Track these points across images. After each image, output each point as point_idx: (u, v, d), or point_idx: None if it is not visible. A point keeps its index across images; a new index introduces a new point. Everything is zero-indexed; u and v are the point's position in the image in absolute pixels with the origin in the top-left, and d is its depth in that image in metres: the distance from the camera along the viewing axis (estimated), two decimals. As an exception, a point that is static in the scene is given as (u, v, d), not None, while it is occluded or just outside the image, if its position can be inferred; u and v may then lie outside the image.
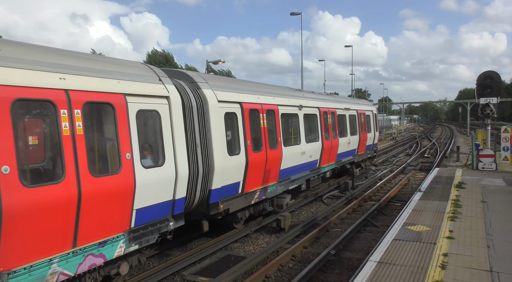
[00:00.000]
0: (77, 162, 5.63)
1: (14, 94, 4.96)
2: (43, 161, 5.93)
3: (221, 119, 9.06)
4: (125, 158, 6.44)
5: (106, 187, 6.05)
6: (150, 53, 64.49)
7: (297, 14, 34.29)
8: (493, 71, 17.28)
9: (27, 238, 5.07)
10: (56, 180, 5.42)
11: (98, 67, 6.37)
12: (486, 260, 6.38)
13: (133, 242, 6.70)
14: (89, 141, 5.95)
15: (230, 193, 9.45)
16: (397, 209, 13.16)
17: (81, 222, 5.72)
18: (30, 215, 5.05)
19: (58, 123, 5.48)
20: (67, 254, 5.60)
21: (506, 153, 16.47)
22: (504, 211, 9.65)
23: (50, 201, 5.26)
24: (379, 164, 25.49)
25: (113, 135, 6.37)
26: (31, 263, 5.14)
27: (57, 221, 5.40)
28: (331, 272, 8.21)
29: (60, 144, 5.49)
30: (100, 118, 6.46)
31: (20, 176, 4.94)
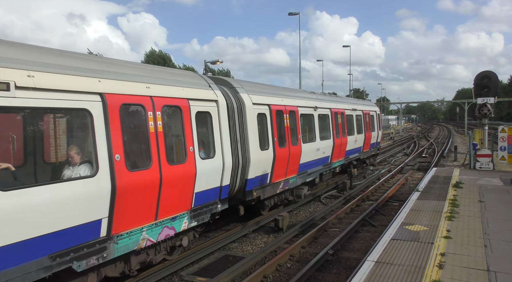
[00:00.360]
0: (159, 153, 7.13)
1: (121, 100, 6.47)
2: (138, 151, 7.16)
3: (254, 119, 10.48)
4: (189, 150, 7.95)
5: (177, 173, 7.54)
6: (148, 54, 64.46)
7: (295, 14, 34.30)
8: (491, 71, 17.36)
9: (129, 210, 6.52)
10: (146, 167, 6.87)
11: (169, 77, 8.00)
12: (483, 260, 6.41)
13: (193, 219, 8.19)
14: (166, 137, 7.42)
15: (261, 182, 10.89)
16: (395, 208, 13.18)
17: (161, 201, 7.18)
18: (131, 193, 6.48)
19: (147, 122, 6.97)
20: (151, 225, 7.06)
21: (503, 153, 16.53)
22: (501, 210, 9.69)
23: (142, 182, 6.71)
24: (377, 164, 25.52)
25: (181, 132, 7.87)
26: (131, 229, 6.62)
27: (146, 198, 6.84)
28: (329, 272, 8.22)
29: (148, 139, 6.96)
30: (172, 118, 7.88)
31: (126, 162, 6.41)
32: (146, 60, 61.61)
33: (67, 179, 5.72)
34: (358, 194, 15.62)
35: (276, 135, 11.37)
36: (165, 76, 7.94)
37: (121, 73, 6.74)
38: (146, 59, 61.85)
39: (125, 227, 6.51)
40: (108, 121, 6.18)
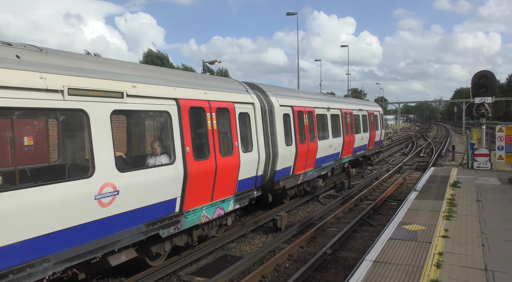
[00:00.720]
0: (215, 147, 8.75)
1: (189, 104, 8.06)
2: (201, 145, 8.60)
3: (281, 119, 11.92)
4: (235, 145, 9.58)
5: (227, 163, 9.12)
6: (146, 54, 64.39)
7: (293, 14, 34.33)
8: (488, 70, 17.40)
9: (194, 192, 8.13)
10: (206, 157, 8.49)
11: (220, 84, 9.75)
12: (481, 259, 6.43)
13: (236, 203, 9.85)
14: (219, 133, 9.04)
15: (285, 174, 12.22)
16: (393, 208, 13.21)
17: (215, 186, 8.78)
18: (197, 178, 8.08)
19: (206, 121, 8.58)
20: (208, 205, 8.69)
21: (501, 152, 16.57)
22: (498, 210, 9.72)
23: (204, 170, 8.35)
24: (375, 164, 25.56)
25: (228, 129, 9.47)
26: (195, 207, 8.26)
27: (206, 183, 8.46)
28: (327, 271, 8.23)
29: (207, 135, 8.60)
30: (222, 118, 9.33)
31: (194, 153, 8.01)
32: (144, 60, 61.52)
33: (155, 166, 7.35)
34: (357, 194, 15.64)
35: (297, 132, 12.94)
36: (216, 83, 9.69)
37: (188, 82, 8.49)
38: (145, 60, 61.76)
39: (191, 205, 8.16)
40: (181, 121, 7.78)
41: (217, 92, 9.19)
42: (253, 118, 10.49)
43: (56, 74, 5.67)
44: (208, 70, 42.01)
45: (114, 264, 6.64)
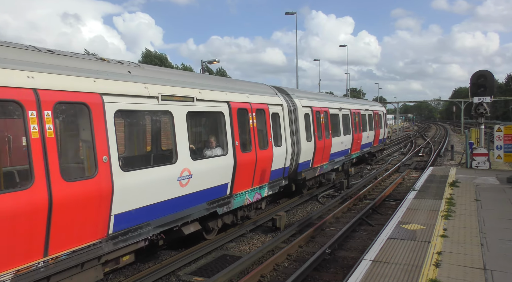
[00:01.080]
0: (255, 142, 10.42)
1: (237, 106, 9.83)
2: (245, 140, 10.19)
3: (303, 118, 13.61)
4: (269, 140, 11.12)
5: (263, 156, 10.76)
6: (145, 54, 64.35)
7: (292, 13, 34.32)
8: (487, 70, 17.40)
9: (240, 178, 9.83)
10: (249, 150, 10.20)
11: (256, 89, 11.52)
12: (480, 258, 6.43)
13: (269, 190, 11.56)
14: (258, 130, 10.60)
15: (306, 166, 13.96)
16: (392, 208, 13.22)
17: (255, 174, 10.50)
18: (243, 167, 9.76)
19: (248, 120, 10.30)
20: (250, 190, 10.49)
21: (500, 152, 16.59)
22: (497, 209, 9.73)
23: (248, 160, 10.01)
24: (374, 163, 25.58)
25: (264, 127, 11.10)
26: (240, 191, 10.00)
27: (248, 171, 10.16)
28: (326, 271, 8.23)
29: (249, 131, 10.29)
30: (259, 118, 10.91)
31: (241, 147, 9.73)
32: (143, 60, 61.47)
33: (213, 156, 9.00)
34: (355, 193, 15.65)
35: (316, 130, 14.60)
36: (254, 88, 11.41)
37: (235, 87, 10.25)
38: (143, 60, 61.72)
39: (238, 190, 9.89)
40: (232, 120, 9.47)
41: (256, 95, 11.02)
42: (282, 117, 12.19)
43: (154, 84, 7.38)
44: (208, 70, 41.96)
45: (187, 233, 8.38)
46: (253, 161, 10.25)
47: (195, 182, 8.16)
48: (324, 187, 16.97)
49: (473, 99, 17.11)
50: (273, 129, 11.51)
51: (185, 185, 7.88)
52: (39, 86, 5.40)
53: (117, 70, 6.86)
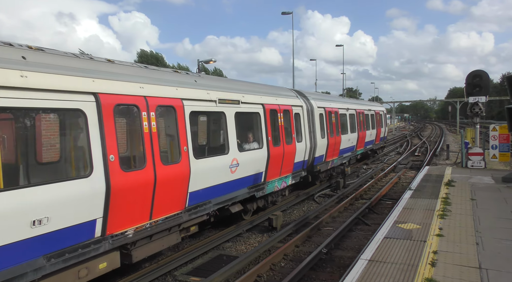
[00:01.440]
0: (283, 138, 12.15)
1: (270, 107, 11.65)
2: (276, 135, 11.84)
3: (318, 117, 15.47)
4: (293, 136, 12.98)
5: (289, 150, 12.57)
6: (140, 53, 64.16)
7: (288, 13, 34.32)
8: (482, 70, 17.47)
9: (271, 168, 11.56)
10: (278, 145, 11.88)
11: (282, 92, 13.36)
12: (475, 257, 6.47)
13: (292, 179, 13.37)
14: (285, 127, 12.46)
15: (320, 160, 15.83)
16: (388, 207, 13.26)
17: (283, 165, 12.36)
18: (274, 159, 11.49)
19: (277, 119, 12.06)
20: (278, 179, 12.28)
21: (495, 151, 16.69)
22: (492, 208, 9.78)
23: (278, 153, 11.77)
24: (370, 163, 25.65)
25: (289, 125, 12.89)
26: (271, 180, 11.81)
27: (277, 163, 11.94)
28: (322, 270, 8.24)
29: (278, 129, 12.02)
30: (285, 117, 12.66)
31: (273, 141, 11.49)
32: (139, 60, 61.30)
33: (251, 149, 10.74)
34: (352, 193, 15.68)
35: (328, 128, 16.40)
36: (281, 92, 13.36)
37: (268, 92, 12.21)
38: (139, 59, 61.54)
39: (270, 178, 11.74)
40: (266, 119, 11.30)
41: (282, 98, 12.89)
42: (302, 117, 14.04)
43: (212, 90, 9.20)
44: (204, 70, 41.91)
45: (233, 211, 10.19)
46: (281, 154, 12.12)
47: (241, 170, 10.03)
48: (322, 186, 17.00)
49: (469, 99, 17.19)
50: (296, 127, 13.37)
51: (233, 172, 9.80)
52: (147, 94, 7.21)
53: (188, 80, 8.76)
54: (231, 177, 9.62)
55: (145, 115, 7.09)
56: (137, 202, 6.88)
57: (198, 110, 8.83)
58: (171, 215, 7.76)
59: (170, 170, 7.57)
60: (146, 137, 7.08)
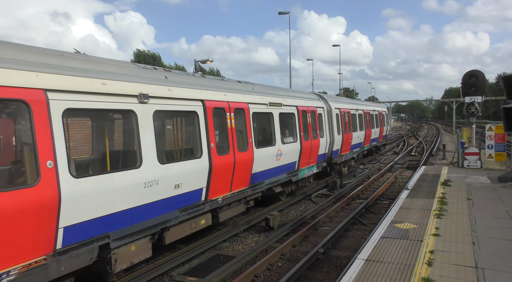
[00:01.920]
0: (311, 133, 14.69)
1: (302, 109, 14.35)
2: (306, 132, 14.62)
3: (335, 117, 18.04)
4: (318, 133, 15.43)
5: (315, 143, 15.09)
6: (137, 53, 64.03)
7: (285, 13, 34.36)
8: (478, 70, 17.55)
9: (302, 158, 14.02)
10: (307, 140, 14.33)
11: (309, 96, 16.19)
12: (471, 257, 6.49)
13: (316, 168, 15.90)
14: (313, 125, 14.96)
15: (336, 154, 18.40)
16: (385, 207, 13.29)
17: (310, 156, 14.78)
18: (304, 151, 14.01)
19: (307, 119, 14.62)
20: (307, 167, 14.77)
21: (491, 151, 16.77)
22: (488, 208, 9.82)
23: (307, 147, 14.28)
24: (367, 163, 25.70)
25: (315, 123, 15.36)
26: (302, 168, 14.17)
27: (307, 154, 14.39)
28: (319, 270, 8.25)
29: (307, 127, 14.49)
30: (312, 117, 15.16)
31: (304, 136, 14.18)
32: (135, 59, 61.15)
33: (288, 142, 13.12)
34: (349, 193, 15.70)
35: (342, 126, 19.07)
36: (308, 95, 16.33)
37: (299, 96, 15.00)
38: (136, 59, 61.40)
39: (302, 166, 14.24)
40: (298, 118, 13.90)
41: (310, 101, 15.66)
42: (324, 116, 16.76)
43: (264, 96, 11.86)
44: (200, 70, 41.85)
45: (276, 191, 12.77)
46: (310, 147, 14.69)
47: (283, 158, 12.61)
48: (319, 186, 17.02)
49: (465, 99, 17.26)
50: (319, 125, 15.98)
51: (278, 160, 12.36)
52: (228, 99, 9.88)
53: (249, 88, 11.52)
54: (276, 164, 12.28)
55: (228, 115, 9.87)
56: (224, 177, 9.55)
57: (257, 111, 11.33)
58: (241, 189, 10.44)
59: (243, 155, 10.22)
60: (229, 132, 9.79)
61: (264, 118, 12.16)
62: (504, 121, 12.46)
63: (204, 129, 8.82)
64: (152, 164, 7.19)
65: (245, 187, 10.55)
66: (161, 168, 7.42)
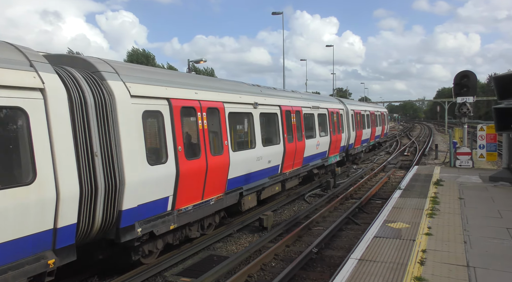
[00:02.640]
0: (336, 130, 19.40)
1: (331, 110, 19.34)
2: (333, 129, 19.14)
3: (350, 117, 22.50)
4: (340, 129, 20.30)
5: (337, 138, 19.47)
6: (131, 52, 63.72)
7: (279, 13, 34.41)
8: (470, 70, 17.67)
9: (331, 148, 19.02)
10: (334, 134, 19.06)
11: (329, 99, 21.46)
12: (463, 256, 6.54)
13: (339, 157, 20.55)
14: (333, 123, 19.08)
15: (351, 146, 22.89)
16: (378, 206, 13.35)
17: (336, 147, 19.76)
18: (333, 142, 19.00)
19: (327, 118, 18.46)
20: (332, 156, 19.44)
21: (482, 151, 16.91)
22: (480, 207, 9.91)
23: (335, 140, 19.27)
24: (360, 163, 25.82)
25: (338, 122, 19.88)
26: (330, 156, 19.02)
27: (334, 145, 19.32)
28: (313, 270, 8.27)
29: (327, 124, 18.42)
30: (337, 116, 19.89)
31: (332, 131, 19.04)
32: (128, 59, 60.81)
33: (323, 136, 17.59)
34: (342, 193, 15.76)
35: (355, 124, 23.45)
36: (328, 99, 20.64)
37: (328, 100, 20.26)
38: (129, 58, 61.07)
39: (330, 154, 18.72)
40: (329, 118, 18.34)
41: (335, 104, 20.20)
42: (344, 116, 21.18)
43: (308, 101, 16.54)
44: (194, 69, 41.69)
45: (315, 172, 17.31)
46: (336, 140, 19.12)
47: (320, 147, 16.86)
48: (313, 185, 17.08)
49: (457, 99, 17.39)
50: (341, 123, 20.42)
51: (317, 148, 16.47)
52: (280, 103, 13.52)
53: (297, 95, 16.09)
54: (315, 151, 16.39)
55: (279, 115, 13.29)
56: (290, 159, 13.95)
57: (306, 113, 15.82)
58: (298, 168, 14.97)
59: (301, 143, 14.78)
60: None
61: (308, 117, 16.22)
62: (495, 121, 12.56)
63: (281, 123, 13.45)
64: (260, 146, 11.64)
65: (299, 166, 15.04)
66: (263, 150, 11.80)
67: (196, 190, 8.77)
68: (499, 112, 12.30)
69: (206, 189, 9.13)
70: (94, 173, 6.44)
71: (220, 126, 9.81)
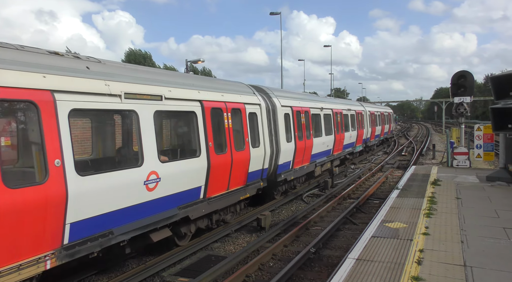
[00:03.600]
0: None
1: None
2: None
3: (368, 116, 28.34)
4: (361, 127, 26.16)
5: (360, 133, 25.81)
6: (128, 52, 63.59)
7: (277, 14, 34.47)
8: (467, 71, 17.71)
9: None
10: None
11: (354, 103, 28.84)
12: (460, 255, 6.57)
13: (361, 147, 27.07)
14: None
15: (368, 139, 28.64)
16: (376, 206, 13.38)
17: (358, 139, 25.28)
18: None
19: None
20: (359, 145, 26.21)
21: (479, 151, 16.96)
22: (477, 207, 9.94)
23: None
24: (358, 163, 25.87)
25: (360, 121, 26.18)
26: (356, 146, 25.46)
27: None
28: (311, 269, 8.28)
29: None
30: (358, 117, 25.56)
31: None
32: (126, 59, 60.71)
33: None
34: (340, 193, 15.79)
35: (371, 122, 29.02)
36: (354, 103, 29.41)
37: (338, 102, 23.12)
38: (127, 58, 60.95)
39: (357, 144, 25.22)
40: (355, 117, 24.57)
41: (357, 106, 25.88)
42: (364, 116, 26.70)
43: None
44: (192, 70, 41.64)
45: (348, 157, 23.63)
46: (361, 134, 24.04)
47: (351, 139, 22.15)
48: (310, 185, 17.09)
49: (454, 99, 17.43)
50: (362, 121, 25.78)
51: (350, 139, 21.34)
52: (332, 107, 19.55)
53: (337, 101, 22.81)
54: (349, 141, 19.90)
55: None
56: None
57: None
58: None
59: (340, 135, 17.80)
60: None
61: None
62: (492, 121, 12.60)
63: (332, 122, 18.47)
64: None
65: (340, 151, 19.55)
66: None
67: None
68: (496, 112, 12.34)
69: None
70: (277, 143, 12.95)
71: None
